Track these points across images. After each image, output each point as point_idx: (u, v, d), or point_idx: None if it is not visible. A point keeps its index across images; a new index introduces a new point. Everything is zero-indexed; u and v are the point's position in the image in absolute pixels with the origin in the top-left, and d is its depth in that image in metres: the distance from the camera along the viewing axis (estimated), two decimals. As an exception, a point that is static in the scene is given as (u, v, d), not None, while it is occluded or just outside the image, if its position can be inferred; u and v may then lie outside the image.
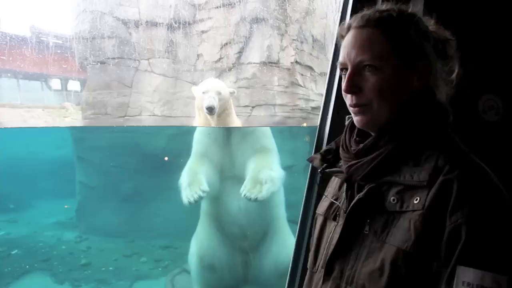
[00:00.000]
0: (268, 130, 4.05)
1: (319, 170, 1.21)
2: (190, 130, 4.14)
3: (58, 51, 8.49)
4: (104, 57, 7.95)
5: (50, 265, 6.92)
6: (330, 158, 1.23)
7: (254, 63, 7.69)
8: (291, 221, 4.28)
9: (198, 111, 4.05)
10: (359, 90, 1.04)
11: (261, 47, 7.67)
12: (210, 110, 3.79)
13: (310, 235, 1.35)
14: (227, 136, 3.94)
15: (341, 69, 1.10)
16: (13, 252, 7.36)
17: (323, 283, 1.11)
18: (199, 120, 4.06)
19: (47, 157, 11.28)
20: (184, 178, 3.65)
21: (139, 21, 7.90)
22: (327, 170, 1.19)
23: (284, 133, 7.69)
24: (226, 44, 7.84)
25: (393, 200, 0.99)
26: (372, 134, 1.09)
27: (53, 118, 9.78)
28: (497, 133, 1.80)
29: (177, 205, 3.68)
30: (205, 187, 3.50)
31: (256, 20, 7.71)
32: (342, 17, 1.97)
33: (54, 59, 8.44)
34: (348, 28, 1.08)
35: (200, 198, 3.44)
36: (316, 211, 1.30)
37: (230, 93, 4.07)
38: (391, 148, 1.03)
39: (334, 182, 1.28)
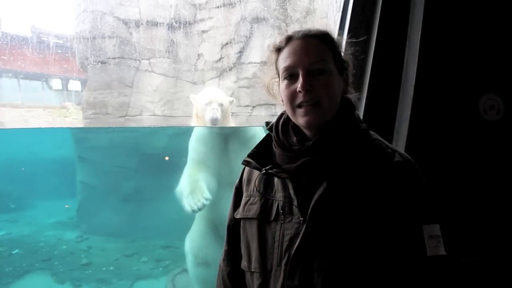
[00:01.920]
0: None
1: (262, 172, 1.27)
2: (191, 130, 4.14)
3: (59, 51, 8.48)
4: (105, 57, 7.95)
5: (51, 264, 6.92)
6: (257, 161, 1.32)
7: (254, 62, 7.69)
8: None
9: (196, 118, 4.06)
10: (312, 89, 1.17)
11: (261, 46, 7.67)
12: (215, 122, 3.83)
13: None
14: (224, 144, 3.94)
15: (287, 75, 1.22)
16: (14, 252, 7.36)
17: (288, 278, 1.17)
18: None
19: (48, 157, 11.29)
20: (184, 186, 3.66)
21: (139, 21, 7.90)
22: (272, 170, 1.25)
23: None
24: (227, 43, 7.84)
25: (350, 187, 1.16)
26: (308, 133, 1.24)
27: (53, 118, 9.78)
28: (498, 133, 1.79)
29: (178, 205, 3.69)
30: (208, 195, 3.54)
31: (257, 20, 7.71)
32: (343, 17, 1.97)
33: (54, 59, 8.43)
34: (287, 40, 1.24)
35: (204, 206, 3.47)
36: (241, 216, 1.35)
37: (230, 102, 4.11)
38: (338, 145, 1.19)
39: (254, 183, 1.33)
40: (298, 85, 1.17)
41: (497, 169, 1.80)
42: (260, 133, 4.03)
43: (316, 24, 8.55)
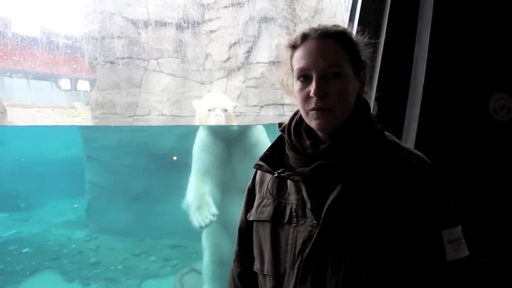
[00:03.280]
0: (267, 142, 4.03)
1: (275, 175, 1.25)
2: (196, 130, 4.15)
3: (68, 51, 8.55)
4: (114, 57, 7.99)
5: (60, 263, 6.98)
6: (269, 164, 1.29)
7: (262, 62, 7.69)
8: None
9: (199, 124, 4.08)
10: (325, 95, 1.13)
11: (269, 46, 7.67)
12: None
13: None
14: (228, 152, 3.94)
15: (301, 75, 1.17)
16: (24, 251, 7.43)
17: (301, 282, 1.16)
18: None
19: (57, 156, 11.37)
20: (191, 200, 3.69)
21: (148, 21, 7.93)
22: (284, 173, 1.23)
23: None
24: (235, 43, 7.85)
25: (365, 191, 1.13)
26: (321, 135, 1.21)
27: (63, 118, 9.85)
28: (508, 133, 1.78)
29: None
30: (214, 210, 3.58)
31: (265, 20, 7.71)
32: (351, 16, 1.96)
33: (64, 59, 8.50)
34: (303, 38, 1.18)
35: (211, 222, 3.50)
36: (254, 218, 1.34)
37: (234, 107, 4.11)
38: (353, 147, 1.15)
39: (267, 186, 1.32)
40: (311, 89, 1.13)
41: (508, 169, 1.78)
42: (263, 139, 4.03)
43: (324, 23, 8.49)
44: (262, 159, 1.32)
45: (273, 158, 1.31)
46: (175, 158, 7.76)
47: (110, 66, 8.06)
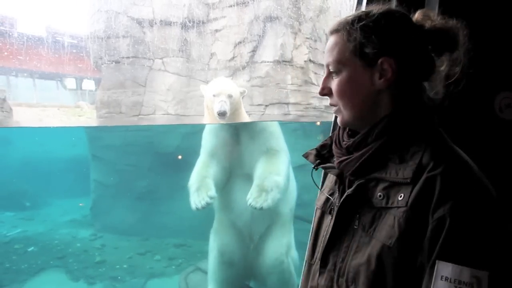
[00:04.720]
0: (277, 129, 3.98)
1: (313, 166, 1.24)
2: (203, 129, 4.13)
3: (73, 51, 8.59)
4: (119, 56, 8.01)
5: (65, 262, 7.00)
6: (325, 154, 1.26)
7: (267, 61, 7.68)
8: (302, 219, 4.28)
9: (207, 110, 3.98)
10: (330, 93, 1.13)
11: (274, 45, 7.66)
12: (222, 115, 3.70)
13: None
14: (235, 136, 3.89)
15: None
16: (29, 249, 7.46)
17: (319, 275, 1.15)
18: (208, 119, 4.01)
19: (62, 156, 11.43)
20: (192, 182, 3.65)
21: (153, 20, 7.94)
22: (320, 166, 1.22)
23: (298, 131, 7.68)
24: (240, 42, 7.84)
25: (380, 196, 1.02)
26: (359, 130, 1.13)
27: (68, 117, 9.89)
28: (515, 132, 1.76)
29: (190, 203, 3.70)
30: (213, 193, 3.52)
31: (270, 19, 7.70)
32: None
33: (69, 58, 8.54)
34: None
35: (208, 204, 3.45)
36: (316, 205, 1.34)
37: (241, 93, 3.98)
38: (379, 144, 1.06)
39: (331, 176, 1.29)
40: None
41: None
42: (270, 126, 3.98)
43: (329, 22, 8.50)
44: (317, 147, 1.29)
45: (330, 148, 1.26)
46: (180, 157, 7.77)
47: (115, 65, 8.07)
